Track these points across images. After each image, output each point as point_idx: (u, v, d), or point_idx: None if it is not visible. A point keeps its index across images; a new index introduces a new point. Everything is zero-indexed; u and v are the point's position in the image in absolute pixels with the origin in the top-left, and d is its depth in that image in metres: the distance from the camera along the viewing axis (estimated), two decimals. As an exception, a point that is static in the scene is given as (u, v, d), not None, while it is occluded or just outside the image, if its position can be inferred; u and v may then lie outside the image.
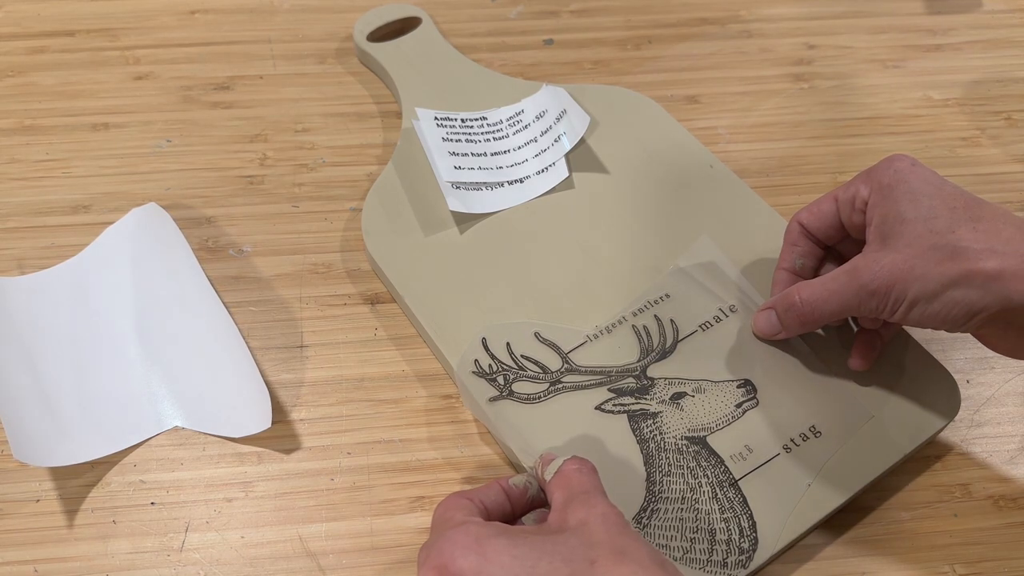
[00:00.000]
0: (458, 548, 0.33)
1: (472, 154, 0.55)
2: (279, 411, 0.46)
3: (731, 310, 0.48)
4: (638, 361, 0.46)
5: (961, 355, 0.49)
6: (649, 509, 0.41)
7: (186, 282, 0.50)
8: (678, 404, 0.44)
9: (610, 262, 0.50)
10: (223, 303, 0.50)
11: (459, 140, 0.55)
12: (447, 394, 0.47)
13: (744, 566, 0.40)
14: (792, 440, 0.43)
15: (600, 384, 0.45)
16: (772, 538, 0.40)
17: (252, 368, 0.47)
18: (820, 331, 0.47)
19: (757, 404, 0.44)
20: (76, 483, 0.44)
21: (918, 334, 0.48)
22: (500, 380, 0.45)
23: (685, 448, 0.43)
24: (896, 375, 0.45)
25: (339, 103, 0.61)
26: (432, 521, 0.37)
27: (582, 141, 0.56)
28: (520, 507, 0.39)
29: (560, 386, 0.45)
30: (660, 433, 0.43)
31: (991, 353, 0.43)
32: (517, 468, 0.44)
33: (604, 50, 0.65)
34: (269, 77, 0.62)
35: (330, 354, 0.49)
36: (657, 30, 0.66)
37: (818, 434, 0.43)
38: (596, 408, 0.44)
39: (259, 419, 0.44)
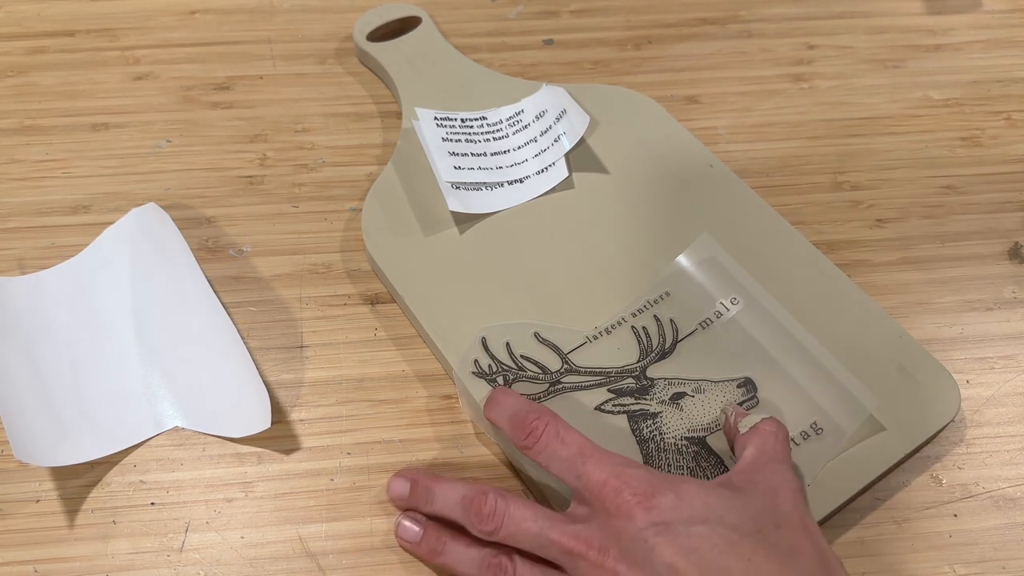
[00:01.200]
0: (658, 485, 0.34)
1: (472, 154, 0.55)
2: (279, 411, 0.46)
3: (732, 303, 0.48)
4: (638, 362, 0.46)
5: (961, 355, 0.49)
6: (649, 509, 0.41)
7: (185, 282, 0.50)
8: (678, 404, 0.44)
9: (610, 262, 0.50)
10: (222, 303, 0.50)
11: (459, 140, 0.55)
12: (447, 394, 0.47)
13: (744, 566, 0.40)
14: (792, 440, 0.43)
15: (600, 385, 0.45)
16: (772, 538, 0.40)
17: (252, 368, 0.47)
18: (819, 331, 0.46)
19: (757, 404, 0.44)
20: (76, 483, 0.44)
21: (918, 334, 0.48)
22: (500, 381, 0.45)
23: (685, 448, 0.43)
24: (896, 375, 0.45)
25: (339, 103, 0.61)
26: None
27: (582, 141, 0.56)
28: None
29: (560, 387, 0.45)
30: (660, 433, 0.43)
31: (991, 353, 0.43)
32: (518, 469, 0.44)
33: (604, 50, 0.65)
34: (269, 77, 0.62)
35: (330, 354, 0.49)
36: (657, 30, 0.66)
37: (819, 431, 0.43)
38: (596, 409, 0.44)
39: (259, 419, 0.44)
